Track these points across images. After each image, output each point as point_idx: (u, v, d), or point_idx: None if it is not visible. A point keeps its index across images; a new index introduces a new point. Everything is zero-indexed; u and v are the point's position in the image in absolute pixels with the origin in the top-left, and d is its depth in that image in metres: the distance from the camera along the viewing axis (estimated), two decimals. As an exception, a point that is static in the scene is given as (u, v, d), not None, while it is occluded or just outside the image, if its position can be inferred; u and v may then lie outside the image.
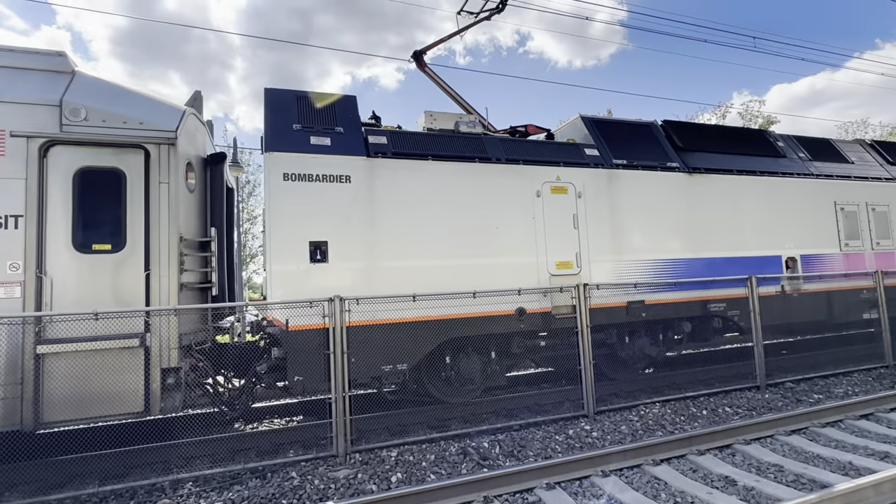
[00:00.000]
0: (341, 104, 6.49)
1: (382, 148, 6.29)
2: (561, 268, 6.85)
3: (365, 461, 5.16)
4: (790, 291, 8.28)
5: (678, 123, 8.68)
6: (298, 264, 5.68)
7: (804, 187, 8.83)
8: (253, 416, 7.00)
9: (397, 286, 5.98)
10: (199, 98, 6.44)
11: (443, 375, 6.53)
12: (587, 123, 7.95)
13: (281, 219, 5.66)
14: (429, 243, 6.24)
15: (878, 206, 9.42)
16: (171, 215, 5.18)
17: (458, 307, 6.04)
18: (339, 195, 5.90)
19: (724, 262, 7.93)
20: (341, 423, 5.22)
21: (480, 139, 6.98)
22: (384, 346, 5.80)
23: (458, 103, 8.27)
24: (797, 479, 4.41)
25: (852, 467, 4.61)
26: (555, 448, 5.44)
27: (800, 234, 8.61)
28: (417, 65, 8.29)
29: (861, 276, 8.72)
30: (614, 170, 7.40)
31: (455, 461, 5.17)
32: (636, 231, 7.38)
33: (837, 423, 5.87)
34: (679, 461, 4.96)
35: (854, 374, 8.11)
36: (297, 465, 5.08)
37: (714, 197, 8.00)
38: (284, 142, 5.86)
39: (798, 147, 9.52)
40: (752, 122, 26.10)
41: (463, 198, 6.49)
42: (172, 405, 5.06)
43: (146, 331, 4.96)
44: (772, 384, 7.50)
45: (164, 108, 5.50)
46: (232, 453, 5.67)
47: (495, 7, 8.64)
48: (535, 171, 6.93)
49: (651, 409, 6.49)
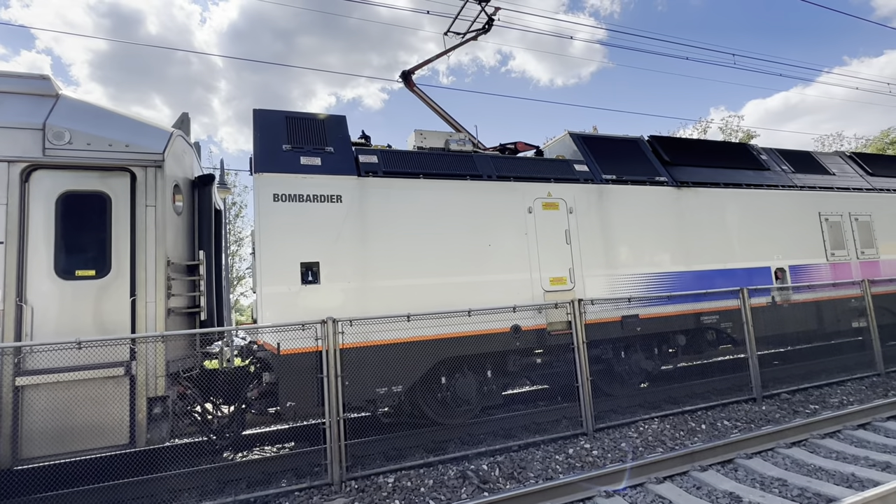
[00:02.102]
0: (331, 124, 6.46)
1: (373, 167, 6.25)
2: (555, 283, 6.81)
3: (361, 489, 4.99)
4: (781, 302, 8.33)
5: (664, 138, 8.80)
6: (289, 286, 5.56)
7: (789, 199, 8.97)
8: (244, 444, 6.77)
9: (390, 306, 5.88)
10: (187, 120, 6.37)
11: (439, 396, 6.40)
12: (576, 140, 8.02)
13: (271, 240, 5.56)
14: (421, 262, 6.17)
15: (860, 216, 9.60)
16: (157, 239, 5.06)
17: (453, 326, 5.95)
18: (330, 215, 5.83)
19: (714, 275, 7.97)
20: (336, 449, 5.06)
21: (471, 157, 6.99)
22: (379, 367, 5.68)
23: (448, 122, 8.31)
24: (802, 493, 4.35)
25: (855, 479, 4.56)
26: (555, 468, 5.33)
27: (787, 244, 8.71)
28: (406, 84, 8.33)
29: (849, 286, 8.83)
30: (604, 185, 7.45)
31: (454, 485, 5.02)
32: (628, 245, 7.40)
33: (836, 434, 5.85)
34: (682, 478, 4.88)
35: (847, 383, 8.14)
36: (291, 496, 4.89)
37: (702, 210, 8.07)
38: (274, 162, 5.80)
39: (781, 160, 9.70)
40: (732, 136, 26.69)
41: (455, 215, 6.45)
42: (159, 436, 4.86)
43: (132, 359, 4.79)
44: (768, 395, 7.48)
45: (150, 130, 5.41)
46: (221, 485, 5.46)
47: (481, 28, 8.76)
48: (526, 187, 6.94)
49: (650, 425, 6.42)
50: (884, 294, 9.14)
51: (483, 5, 8.38)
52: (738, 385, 8.12)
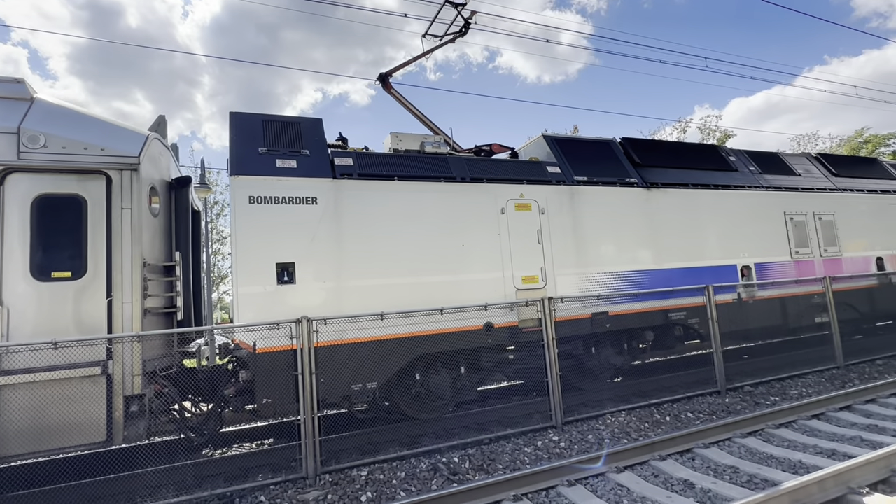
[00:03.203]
0: (307, 127, 6.59)
1: (349, 169, 6.40)
2: (527, 282, 7.03)
3: (335, 482, 5.16)
4: (746, 298, 8.66)
5: (636, 140, 9.06)
6: (265, 286, 5.69)
7: (756, 199, 9.30)
8: (222, 441, 6.89)
9: (366, 305, 6.04)
10: (164, 122, 6.45)
11: (413, 392, 6.59)
12: (549, 142, 8.24)
13: (247, 241, 5.69)
14: (396, 262, 6.34)
15: (824, 215, 9.98)
16: (133, 241, 5.15)
17: (426, 324, 6.14)
18: (305, 217, 5.97)
19: (683, 273, 8.26)
20: (311, 445, 5.22)
21: (445, 159, 7.16)
22: (353, 365, 5.84)
23: (424, 123, 8.47)
24: (751, 480, 4.62)
25: (802, 465, 4.85)
26: (523, 460, 5.55)
27: (753, 243, 9.04)
28: (384, 86, 8.47)
29: (811, 283, 9.20)
30: (576, 186, 7.68)
31: (425, 477, 5.22)
32: (598, 245, 7.64)
33: (791, 424, 6.15)
34: (642, 467, 5.12)
35: (808, 375, 8.50)
36: (266, 489, 5.04)
37: (671, 210, 8.35)
38: (250, 165, 5.92)
39: (749, 161, 10.03)
40: (710, 135, 27.25)
41: (429, 216, 6.63)
42: (136, 433, 4.98)
43: (108, 358, 4.89)
44: (731, 388, 7.80)
45: (126, 133, 5.50)
46: (199, 480, 5.58)
47: (459, 31, 8.92)
48: (499, 188, 7.14)
49: (617, 418, 6.68)
50: (845, 290, 9.53)
51: (459, 9, 8.54)
52: (705, 379, 8.43)
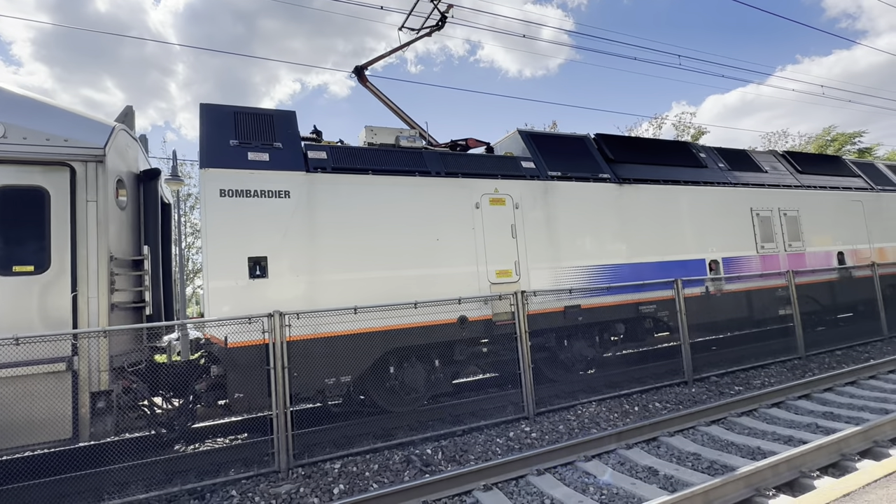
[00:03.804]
0: (280, 119, 6.52)
1: (322, 163, 6.37)
2: (501, 276, 7.12)
3: (308, 475, 5.18)
4: (714, 292, 8.92)
5: (610, 137, 9.21)
6: (237, 280, 5.65)
7: (724, 195, 9.56)
8: (195, 436, 6.84)
9: (339, 299, 6.04)
10: (131, 113, 6.31)
11: (387, 385, 6.63)
12: (524, 137, 8.32)
13: (218, 235, 5.63)
14: (370, 256, 6.35)
15: (789, 211, 10.32)
16: (99, 234, 5.05)
17: (400, 318, 6.17)
18: (278, 210, 5.93)
19: (654, 267, 8.46)
20: (283, 439, 5.22)
21: (420, 153, 7.18)
22: (327, 359, 5.85)
23: (400, 117, 8.45)
24: (711, 466, 4.80)
25: (760, 452, 5.06)
26: (495, 451, 5.65)
27: (721, 238, 9.30)
28: (359, 79, 8.42)
29: (775, 276, 9.52)
30: (549, 181, 7.79)
31: (398, 469, 5.27)
32: (571, 239, 7.77)
33: (752, 412, 6.39)
34: (609, 456, 5.27)
35: (771, 366, 8.82)
36: (238, 484, 5.03)
37: (643, 205, 8.53)
38: (221, 158, 5.84)
39: (718, 158, 10.30)
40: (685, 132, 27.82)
41: (404, 211, 6.65)
42: (103, 430, 4.91)
43: (74, 354, 4.80)
44: (698, 379, 8.05)
45: (91, 124, 5.37)
46: (170, 476, 5.54)
47: (435, 25, 8.91)
48: (474, 183, 7.19)
49: (588, 408, 6.84)
50: (807, 284, 9.89)
51: (435, 3, 8.53)
52: (674, 369, 8.67)
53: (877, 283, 10.57)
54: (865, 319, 11.14)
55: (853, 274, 10.74)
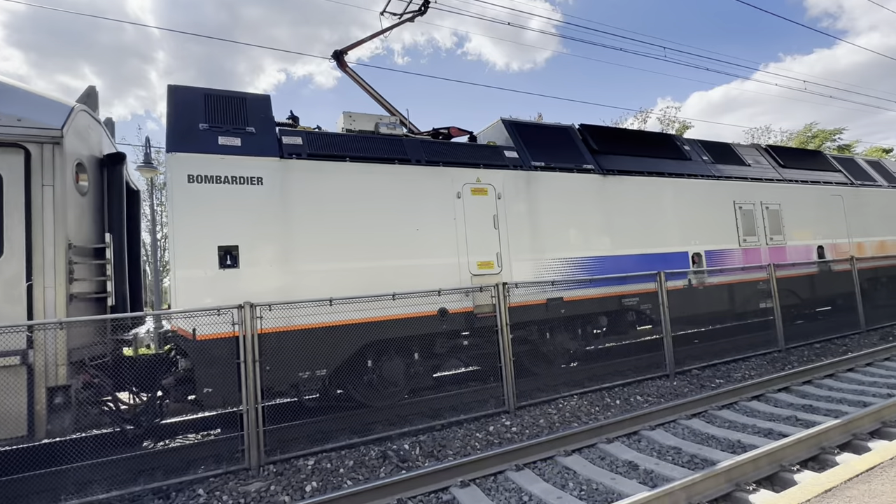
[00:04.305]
0: (253, 103, 6.26)
1: (297, 149, 6.13)
2: (482, 267, 6.97)
3: (280, 472, 4.99)
4: (696, 285, 8.90)
5: (594, 127, 9.09)
6: (206, 270, 5.41)
7: (707, 188, 9.53)
8: (166, 432, 6.59)
9: (315, 290, 5.84)
10: (94, 94, 5.98)
11: (365, 379, 6.45)
12: (507, 126, 8.15)
13: (186, 222, 5.37)
14: (347, 246, 6.14)
15: (771, 204, 10.34)
16: (56, 220, 4.76)
17: (378, 310, 6.00)
18: (250, 198, 5.68)
19: (637, 259, 8.39)
20: (254, 435, 5.03)
21: (401, 141, 6.97)
22: (301, 352, 5.65)
23: (381, 104, 8.22)
24: (692, 460, 4.73)
25: (740, 445, 5.00)
26: (474, 446, 5.52)
27: (704, 231, 9.28)
28: (338, 64, 8.16)
29: (757, 270, 9.54)
30: (532, 171, 7.64)
31: (374, 465, 5.12)
32: (554, 230, 7.65)
33: (733, 405, 6.36)
34: (589, 450, 5.18)
35: (752, 358, 8.85)
36: (206, 482, 4.83)
37: (626, 197, 8.45)
38: (189, 142, 5.57)
39: (702, 150, 10.26)
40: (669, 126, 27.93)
41: (382, 200, 6.45)
42: (61, 427, 4.65)
43: (28, 347, 4.53)
44: (680, 372, 8.02)
45: (47, 104, 5.05)
46: (135, 475, 5.30)
47: (417, 9, 8.68)
48: (455, 172, 7.01)
49: (569, 402, 6.75)
50: (788, 277, 9.94)
51: (418, -13, 8.29)
52: (657, 362, 8.63)
53: (855, 278, 10.68)
54: (844, 313, 11.27)
55: (833, 268, 10.83)
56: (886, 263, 11.97)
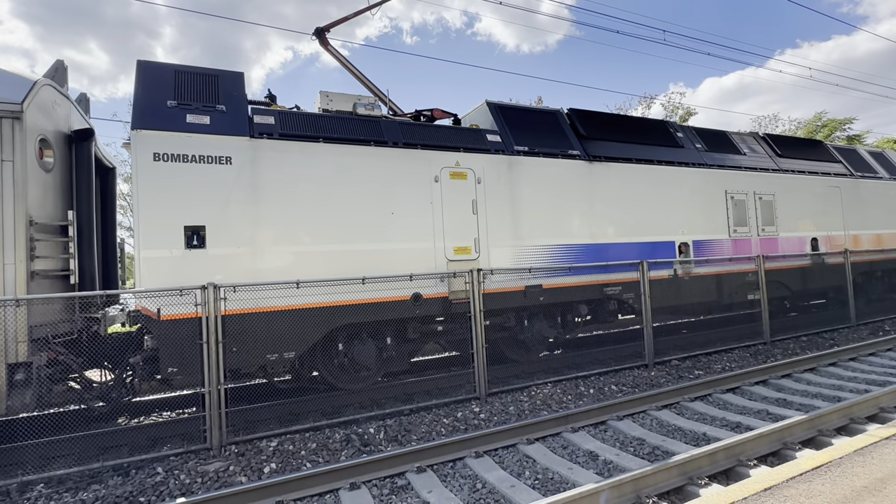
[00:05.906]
0: (225, 81, 6.13)
1: (269, 128, 6.01)
2: (459, 253, 6.88)
3: (241, 452, 5.00)
4: (682, 275, 8.77)
5: (583, 112, 8.88)
6: (172, 250, 5.36)
7: (698, 176, 9.33)
8: (138, 410, 6.63)
9: (284, 272, 5.79)
10: (62, 68, 5.88)
11: (336, 363, 6.43)
12: (492, 109, 7.98)
13: (151, 201, 5.31)
14: (319, 228, 6.07)
15: (764, 194, 10.13)
16: (17, 196, 4.72)
17: (349, 294, 5.94)
18: (218, 177, 5.60)
19: (621, 248, 8.27)
20: (216, 416, 5.03)
21: (378, 122, 6.83)
22: (268, 334, 5.62)
23: (363, 83, 8.06)
24: (653, 451, 4.69)
25: (705, 438, 4.95)
26: (440, 431, 5.51)
27: (693, 220, 9.11)
28: (320, 42, 7.98)
29: (745, 261, 9.39)
30: (515, 156, 7.49)
31: (336, 448, 5.12)
32: (536, 217, 7.53)
33: (707, 398, 6.30)
34: (553, 439, 5.15)
35: (735, 350, 8.76)
36: (166, 460, 4.85)
37: (613, 185, 8.29)
38: (156, 119, 5.47)
39: (696, 138, 10.02)
40: (674, 112, 27.41)
41: (357, 182, 6.34)
42: (22, 403, 4.67)
43: (-13, 323, 4.52)
44: (659, 362, 7.94)
45: (7, 77, 4.96)
46: (101, 451, 5.34)
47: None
48: (434, 155, 6.88)
49: (542, 390, 6.71)
50: (778, 269, 9.78)
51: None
52: (638, 352, 8.56)
53: (848, 271, 10.52)
54: (835, 306, 11.13)
55: (825, 261, 10.65)
56: (882, 257, 11.76)
